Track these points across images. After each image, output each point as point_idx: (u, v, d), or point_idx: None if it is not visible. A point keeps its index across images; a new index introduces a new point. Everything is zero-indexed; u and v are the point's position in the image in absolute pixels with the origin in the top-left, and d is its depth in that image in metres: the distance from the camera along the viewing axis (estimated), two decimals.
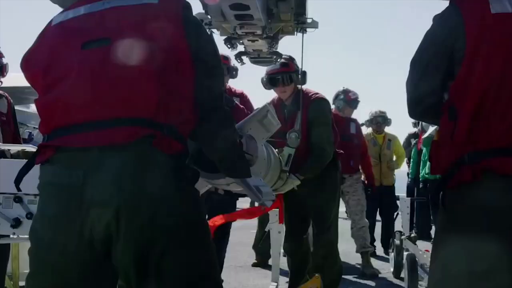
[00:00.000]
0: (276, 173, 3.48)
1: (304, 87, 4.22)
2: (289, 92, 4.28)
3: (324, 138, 4.23)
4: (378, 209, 7.51)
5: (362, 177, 6.68)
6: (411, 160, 8.65)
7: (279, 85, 4.23)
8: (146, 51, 1.82)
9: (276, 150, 3.48)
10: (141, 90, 1.80)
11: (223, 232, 4.48)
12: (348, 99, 6.39)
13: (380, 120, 7.50)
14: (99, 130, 1.76)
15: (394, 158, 7.61)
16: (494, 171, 1.87)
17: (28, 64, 2.00)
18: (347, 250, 6.47)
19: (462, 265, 1.86)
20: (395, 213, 6.84)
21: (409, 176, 8.83)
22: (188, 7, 1.98)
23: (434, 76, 2.08)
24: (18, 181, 1.92)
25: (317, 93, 4.38)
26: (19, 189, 1.96)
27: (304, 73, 4.02)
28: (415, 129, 8.76)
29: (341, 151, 4.59)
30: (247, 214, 4.35)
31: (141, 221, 1.72)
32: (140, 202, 1.72)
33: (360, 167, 6.63)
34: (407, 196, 7.37)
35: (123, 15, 1.90)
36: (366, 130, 7.62)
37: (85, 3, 1.97)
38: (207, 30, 2.90)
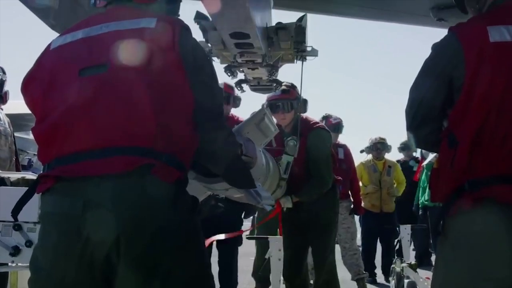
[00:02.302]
0: (275, 181, 3.47)
1: (305, 114, 4.25)
2: (289, 120, 4.27)
3: (323, 167, 4.23)
4: (378, 236, 7.45)
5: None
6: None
7: (279, 112, 4.23)
8: (143, 78, 1.81)
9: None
10: (140, 118, 1.79)
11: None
12: (329, 124, 6.37)
13: (380, 147, 7.54)
14: (98, 159, 1.76)
15: (395, 184, 7.60)
16: (494, 199, 1.87)
17: (27, 87, 1.99)
18: (342, 278, 6.43)
19: None
20: (396, 240, 6.80)
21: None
22: (186, 28, 1.96)
23: (433, 104, 2.09)
24: (16, 211, 1.93)
25: (317, 122, 4.41)
26: (16, 219, 1.97)
27: (305, 101, 4.03)
28: (402, 155, 8.71)
29: (339, 177, 4.59)
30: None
31: (141, 249, 1.71)
32: (139, 230, 1.71)
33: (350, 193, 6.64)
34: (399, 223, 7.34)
35: (120, 40, 1.88)
36: (366, 157, 7.63)
37: (84, 27, 1.97)
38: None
